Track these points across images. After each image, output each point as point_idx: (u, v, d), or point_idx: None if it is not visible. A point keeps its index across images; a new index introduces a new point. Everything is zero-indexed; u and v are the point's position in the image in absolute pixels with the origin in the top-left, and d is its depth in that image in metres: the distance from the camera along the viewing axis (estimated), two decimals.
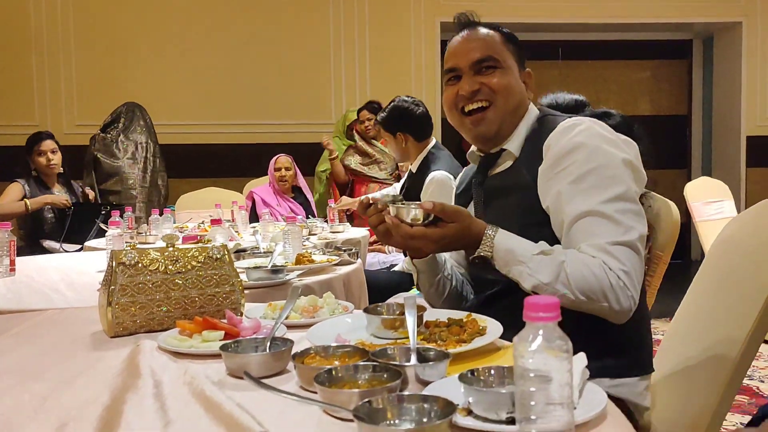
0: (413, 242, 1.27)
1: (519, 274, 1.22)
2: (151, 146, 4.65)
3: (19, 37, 5.75)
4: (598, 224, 1.22)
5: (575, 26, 6.52)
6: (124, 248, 1.34)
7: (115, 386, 1.00)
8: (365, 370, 0.93)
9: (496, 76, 1.41)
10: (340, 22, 6.06)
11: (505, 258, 1.23)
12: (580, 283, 1.18)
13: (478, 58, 1.41)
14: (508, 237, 1.25)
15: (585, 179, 1.25)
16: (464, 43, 1.44)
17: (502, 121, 1.42)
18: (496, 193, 1.41)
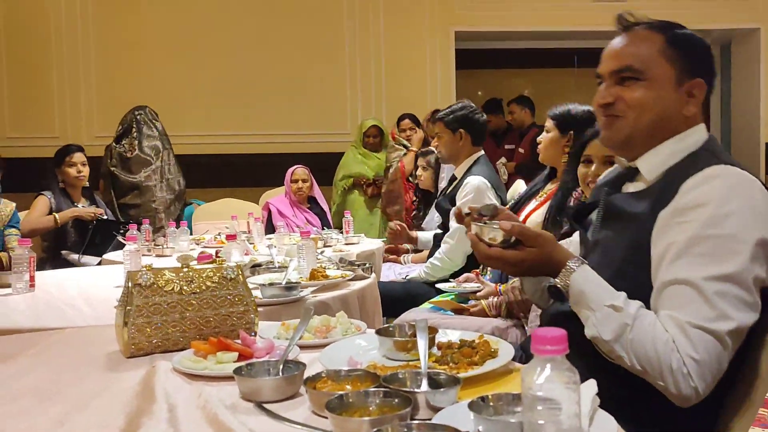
0: (490, 262, 1.24)
1: (585, 319, 1.17)
2: (165, 153, 4.65)
3: (40, 51, 5.85)
4: (690, 299, 1.10)
5: (591, 33, 6.49)
6: (141, 269, 1.36)
7: (130, 410, 1.02)
8: (376, 396, 0.94)
9: (634, 90, 1.26)
10: (355, 32, 6.10)
11: (577, 298, 1.18)
12: (639, 354, 1.10)
13: (616, 67, 1.28)
14: (585, 277, 1.19)
15: (700, 243, 1.11)
16: (611, 48, 1.31)
17: (630, 136, 1.28)
18: (615, 214, 1.30)
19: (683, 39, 1.29)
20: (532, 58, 7.31)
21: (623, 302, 1.14)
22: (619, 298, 1.14)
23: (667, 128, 1.26)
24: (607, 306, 1.14)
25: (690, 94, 1.26)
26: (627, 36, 1.30)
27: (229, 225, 3.83)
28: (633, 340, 1.10)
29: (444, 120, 3.14)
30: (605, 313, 1.14)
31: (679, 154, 1.24)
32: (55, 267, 3.24)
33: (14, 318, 1.74)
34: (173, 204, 4.58)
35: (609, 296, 1.15)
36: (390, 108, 6.08)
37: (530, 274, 1.32)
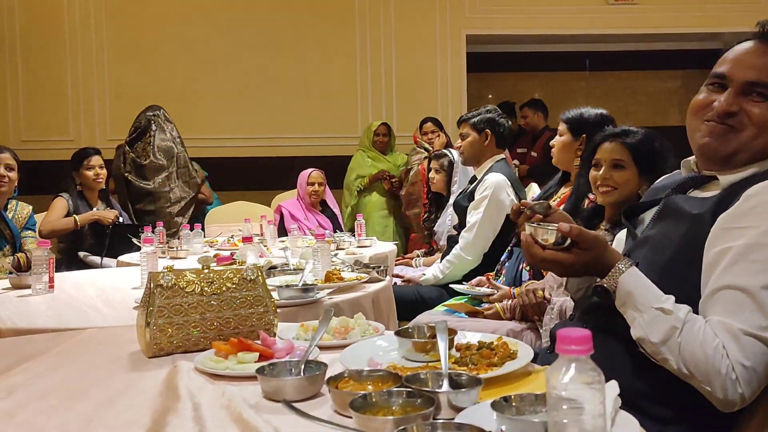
0: (543, 265, 1.24)
1: (632, 320, 1.17)
2: (180, 156, 4.64)
3: (55, 55, 5.92)
4: (744, 305, 1.09)
5: (602, 37, 6.50)
6: (162, 270, 1.37)
7: (156, 408, 1.04)
8: (399, 396, 0.95)
9: (762, 107, 1.20)
10: (366, 35, 6.12)
11: (624, 299, 1.18)
12: (687, 357, 1.10)
13: (753, 79, 1.20)
14: (635, 278, 1.18)
15: (758, 251, 1.11)
16: (751, 55, 1.23)
17: (737, 151, 1.23)
18: (674, 212, 1.29)
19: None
20: (543, 61, 7.31)
21: (672, 306, 1.14)
22: (668, 302, 1.15)
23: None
24: (656, 308, 1.14)
25: None
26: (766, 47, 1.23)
27: (242, 227, 3.86)
28: (681, 344, 1.11)
29: (471, 121, 3.19)
30: (653, 315, 1.14)
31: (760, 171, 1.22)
32: (71, 268, 3.28)
33: (36, 318, 1.77)
34: (189, 206, 4.59)
35: (657, 299, 1.15)
36: (401, 111, 6.11)
37: (580, 274, 1.32)
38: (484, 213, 3.02)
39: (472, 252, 3.04)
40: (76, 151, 4.03)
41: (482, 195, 3.05)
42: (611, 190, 2.00)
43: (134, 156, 4.51)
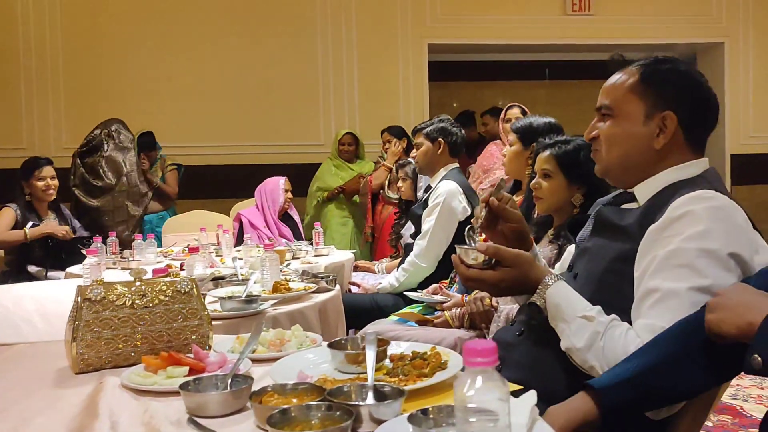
0: (470, 284, 1.29)
1: (561, 332, 1.21)
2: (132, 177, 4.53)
3: (8, 62, 5.78)
4: (668, 306, 1.14)
5: (562, 47, 6.59)
6: (91, 283, 1.34)
7: (73, 427, 1.01)
8: (318, 410, 0.94)
9: (606, 126, 1.35)
10: (329, 44, 6.12)
11: (554, 312, 1.22)
12: (610, 360, 1.14)
13: (598, 105, 1.37)
14: (560, 291, 1.23)
15: (680, 255, 1.16)
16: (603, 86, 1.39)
17: (606, 168, 1.36)
18: (606, 225, 1.35)
19: (656, 73, 1.32)
20: (504, 70, 7.40)
21: (597, 313, 1.18)
22: (593, 310, 1.18)
23: (639, 161, 1.31)
24: (580, 317, 1.18)
25: (661, 128, 1.29)
26: (615, 74, 1.37)
27: (198, 237, 3.81)
28: (604, 348, 1.14)
29: (424, 130, 3.22)
30: (578, 324, 1.18)
31: (674, 180, 1.28)
32: (19, 281, 3.18)
33: None
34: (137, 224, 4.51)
35: (583, 308, 1.19)
36: (363, 119, 6.11)
37: (511, 293, 1.37)
38: (436, 220, 3.04)
39: (426, 259, 3.05)
40: (26, 160, 3.91)
41: (435, 202, 3.08)
42: (539, 199, 2.04)
43: (83, 171, 4.42)
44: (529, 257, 1.28)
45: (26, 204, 3.76)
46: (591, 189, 2.00)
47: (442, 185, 3.13)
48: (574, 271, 1.41)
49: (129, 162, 4.51)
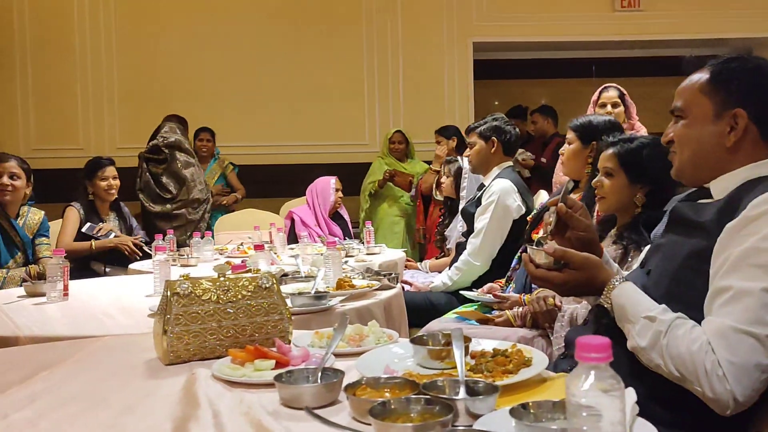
0: (538, 282, 1.33)
1: (627, 333, 1.23)
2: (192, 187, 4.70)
3: (66, 64, 5.96)
4: (739, 304, 1.12)
5: (609, 44, 6.50)
6: (179, 279, 1.39)
7: (176, 415, 1.05)
8: (417, 403, 0.96)
9: (679, 127, 1.36)
10: (374, 42, 6.16)
11: (619, 313, 1.24)
12: (674, 358, 1.14)
13: (671, 107, 1.38)
14: (626, 293, 1.25)
15: (758, 254, 1.14)
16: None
17: (680, 170, 1.37)
18: (681, 220, 1.35)
19: (725, 71, 1.32)
20: (550, 68, 7.32)
21: (659, 313, 1.18)
22: (656, 310, 1.19)
23: (710, 159, 1.31)
24: (644, 317, 1.19)
25: (732, 125, 1.29)
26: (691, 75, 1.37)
27: (251, 235, 3.87)
28: (668, 345, 1.15)
29: (477, 129, 3.22)
30: (642, 324, 1.19)
31: (754, 176, 1.28)
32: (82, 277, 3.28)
33: (53, 326, 1.78)
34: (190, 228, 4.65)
35: (647, 309, 1.20)
36: (408, 118, 6.13)
37: (577, 294, 1.38)
38: (490, 218, 3.04)
39: (480, 258, 3.05)
40: (89, 160, 4.00)
41: (489, 201, 3.07)
42: (601, 198, 2.03)
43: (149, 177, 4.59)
44: (597, 261, 1.30)
45: (88, 203, 3.86)
46: (654, 189, 1.98)
47: (495, 183, 3.12)
48: (647, 268, 1.41)
49: (191, 174, 4.65)
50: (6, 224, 3.15)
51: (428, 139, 5.88)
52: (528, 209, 3.11)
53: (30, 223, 3.28)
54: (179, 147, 4.66)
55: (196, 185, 4.63)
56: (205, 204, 4.70)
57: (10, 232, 3.16)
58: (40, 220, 3.32)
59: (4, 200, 3.13)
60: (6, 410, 1.08)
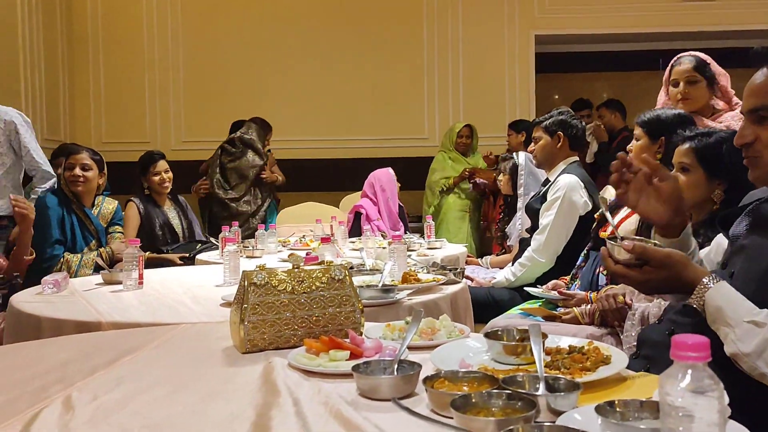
0: (617, 279, 1.28)
1: (724, 336, 1.16)
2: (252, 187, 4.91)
3: (133, 61, 6.17)
4: None
5: (677, 35, 6.30)
6: (255, 269, 1.42)
7: (258, 402, 1.07)
8: (499, 398, 0.96)
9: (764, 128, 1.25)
10: (434, 37, 6.13)
11: (714, 315, 1.17)
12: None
13: (754, 106, 1.27)
14: (722, 293, 1.17)
15: None
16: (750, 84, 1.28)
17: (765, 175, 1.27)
18: (765, 221, 1.29)
19: None
20: (613, 60, 7.14)
21: (765, 317, 1.12)
22: (761, 314, 1.12)
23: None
24: (748, 321, 1.12)
25: None
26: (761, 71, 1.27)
27: (313, 228, 3.92)
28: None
29: (543, 124, 3.17)
30: (745, 329, 1.12)
31: None
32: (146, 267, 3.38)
33: (132, 313, 1.85)
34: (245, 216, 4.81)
35: (749, 312, 1.13)
36: (468, 112, 6.08)
37: (660, 292, 1.32)
38: (556, 214, 2.99)
39: (545, 254, 3.00)
40: (142, 156, 4.07)
41: (554, 196, 3.03)
42: None
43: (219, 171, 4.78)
44: (682, 257, 1.22)
45: (146, 197, 3.95)
46: (732, 185, 1.91)
47: (561, 179, 3.07)
48: (730, 269, 1.35)
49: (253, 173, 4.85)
50: (81, 213, 3.28)
51: (488, 133, 5.84)
52: (595, 205, 3.05)
53: (104, 213, 3.41)
54: (252, 146, 4.82)
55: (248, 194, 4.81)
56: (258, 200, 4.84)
57: (85, 221, 3.29)
58: (113, 209, 3.45)
59: (77, 190, 3.26)
60: (96, 392, 1.13)
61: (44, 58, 5.58)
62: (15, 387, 1.16)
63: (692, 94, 2.74)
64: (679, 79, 2.77)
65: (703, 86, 2.75)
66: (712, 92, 2.78)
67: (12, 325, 1.90)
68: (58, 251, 3.12)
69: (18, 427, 0.97)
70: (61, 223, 3.19)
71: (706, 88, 2.76)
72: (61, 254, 3.12)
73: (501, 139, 5.79)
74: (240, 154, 4.83)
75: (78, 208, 3.27)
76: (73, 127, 6.13)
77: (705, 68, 2.76)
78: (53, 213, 3.17)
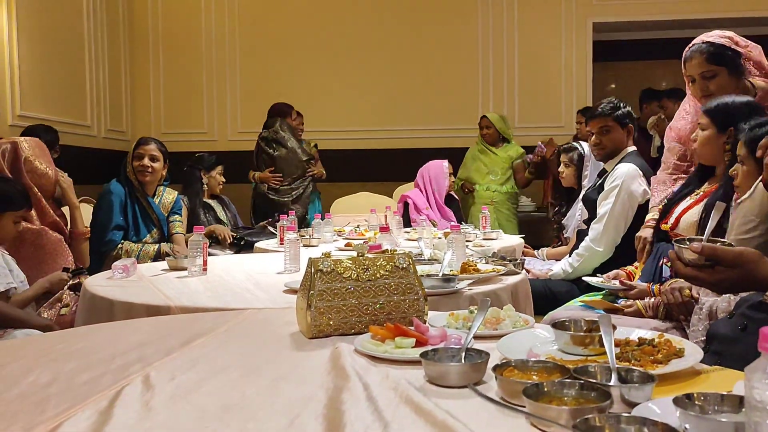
0: (689, 281, 1.27)
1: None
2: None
3: (192, 57, 6.32)
4: None
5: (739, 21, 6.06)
6: (321, 256, 1.44)
7: (328, 385, 1.09)
8: (571, 387, 0.95)
9: None
10: (489, 25, 6.07)
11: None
12: None
13: None
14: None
15: None
16: None
17: None
18: None
19: None
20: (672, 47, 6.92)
21: None
22: None
23: None
24: None
25: None
26: None
27: (367, 218, 3.95)
28: None
29: (614, 115, 3.11)
30: None
31: None
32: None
33: (199, 298, 1.91)
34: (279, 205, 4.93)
35: None
36: (523, 102, 6.01)
37: (735, 291, 1.30)
38: (614, 203, 2.94)
39: (603, 243, 2.96)
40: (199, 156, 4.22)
41: (612, 185, 2.98)
42: (737, 187, 1.93)
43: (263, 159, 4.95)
44: (754, 255, 1.19)
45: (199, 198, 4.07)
46: None
47: (620, 167, 3.02)
48: None
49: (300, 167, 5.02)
50: (144, 202, 3.39)
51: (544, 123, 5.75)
52: None
53: (164, 202, 3.51)
54: (284, 144, 4.95)
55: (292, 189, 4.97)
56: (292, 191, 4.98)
57: (147, 210, 3.40)
58: (173, 199, 3.55)
59: (144, 180, 3.36)
60: (173, 372, 1.17)
61: (108, 55, 5.79)
62: (97, 365, 1.22)
63: (713, 89, 2.52)
64: (694, 75, 2.56)
65: (724, 75, 2.50)
66: (737, 76, 2.50)
67: (86, 309, 1.98)
68: (116, 237, 3.22)
69: (104, 403, 1.02)
70: (124, 210, 3.30)
71: (729, 76, 2.50)
72: (119, 240, 3.22)
73: (557, 129, 5.71)
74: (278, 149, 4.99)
75: (142, 197, 3.38)
76: (134, 120, 6.32)
77: (721, 55, 2.49)
78: (116, 199, 3.28)
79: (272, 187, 4.95)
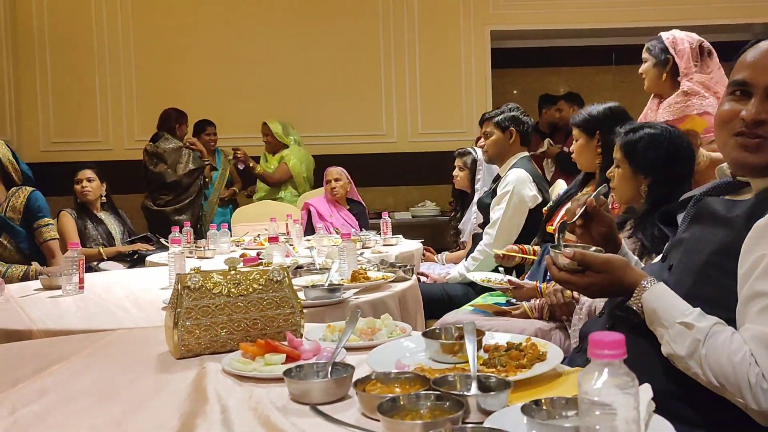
0: (562, 285, 1.32)
1: (660, 337, 1.17)
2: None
3: (83, 59, 5.99)
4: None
5: (630, 30, 6.39)
6: (189, 272, 1.38)
7: (184, 410, 1.04)
8: (427, 399, 0.95)
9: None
10: (390, 32, 6.11)
11: (651, 317, 1.18)
12: (714, 368, 1.08)
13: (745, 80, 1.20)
14: (658, 295, 1.18)
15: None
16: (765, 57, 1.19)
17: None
18: (707, 215, 1.27)
19: None
20: (568, 56, 7.23)
21: (695, 319, 1.12)
22: (691, 315, 1.13)
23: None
24: (679, 323, 1.13)
25: None
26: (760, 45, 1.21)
27: (268, 227, 3.87)
28: (707, 356, 1.08)
29: (495, 119, 3.19)
30: (677, 330, 1.13)
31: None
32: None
33: (67, 319, 1.79)
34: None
35: (681, 313, 1.14)
36: (425, 108, 6.08)
37: (604, 296, 1.34)
38: (506, 208, 3.02)
39: (496, 247, 3.02)
40: None
41: (504, 191, 3.06)
42: (614, 189, 2.04)
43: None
44: (622, 262, 1.24)
45: (79, 206, 3.87)
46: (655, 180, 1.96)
47: (511, 173, 3.10)
48: (669, 263, 1.36)
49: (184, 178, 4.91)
50: None
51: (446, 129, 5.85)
52: (544, 199, 3.08)
53: (13, 205, 3.10)
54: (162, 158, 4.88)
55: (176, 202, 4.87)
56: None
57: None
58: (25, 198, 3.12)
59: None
60: (14, 405, 1.08)
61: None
62: None
63: (645, 74, 2.72)
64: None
65: (650, 65, 2.67)
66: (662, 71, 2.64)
67: None
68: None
69: None
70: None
71: (654, 68, 2.66)
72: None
73: (459, 135, 5.81)
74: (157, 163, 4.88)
75: None
76: (19, 127, 5.94)
77: (655, 47, 2.65)
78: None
79: (157, 203, 4.80)
